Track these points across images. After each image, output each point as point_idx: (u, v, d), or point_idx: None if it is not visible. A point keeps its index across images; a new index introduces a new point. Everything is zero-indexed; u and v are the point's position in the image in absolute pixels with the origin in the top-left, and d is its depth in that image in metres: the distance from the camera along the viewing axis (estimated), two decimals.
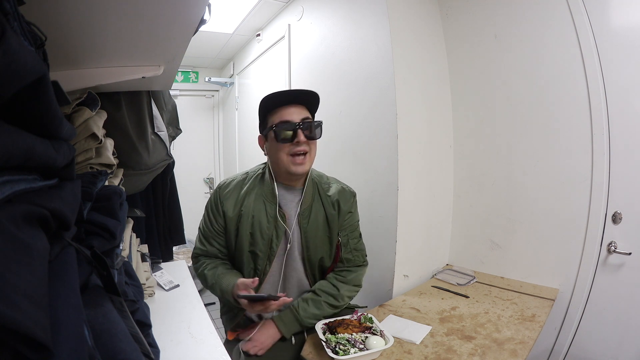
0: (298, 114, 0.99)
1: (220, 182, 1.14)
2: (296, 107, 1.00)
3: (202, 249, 1.12)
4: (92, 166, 0.80)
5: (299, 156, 0.99)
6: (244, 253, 1.05)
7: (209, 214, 1.10)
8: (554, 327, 1.35)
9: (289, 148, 0.99)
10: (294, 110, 1.00)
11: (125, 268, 0.72)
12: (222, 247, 1.11)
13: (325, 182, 1.13)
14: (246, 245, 1.05)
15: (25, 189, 0.28)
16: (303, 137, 0.97)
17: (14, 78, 0.24)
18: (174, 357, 0.72)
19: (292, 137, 0.98)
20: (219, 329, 0.92)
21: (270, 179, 1.06)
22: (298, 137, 0.97)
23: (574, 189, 1.29)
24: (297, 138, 0.97)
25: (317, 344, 0.96)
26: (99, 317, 0.35)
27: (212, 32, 2.51)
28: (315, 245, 1.07)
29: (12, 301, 0.20)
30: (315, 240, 1.07)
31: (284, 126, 0.98)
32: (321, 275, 1.13)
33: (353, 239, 1.12)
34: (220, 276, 1.03)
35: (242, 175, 1.13)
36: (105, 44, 0.69)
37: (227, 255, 1.13)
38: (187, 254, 2.84)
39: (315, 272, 1.10)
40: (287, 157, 1.00)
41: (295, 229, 1.07)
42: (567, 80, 1.28)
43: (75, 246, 0.36)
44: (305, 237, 1.06)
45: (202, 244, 1.12)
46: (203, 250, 1.11)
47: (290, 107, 1.00)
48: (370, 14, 1.47)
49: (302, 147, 0.99)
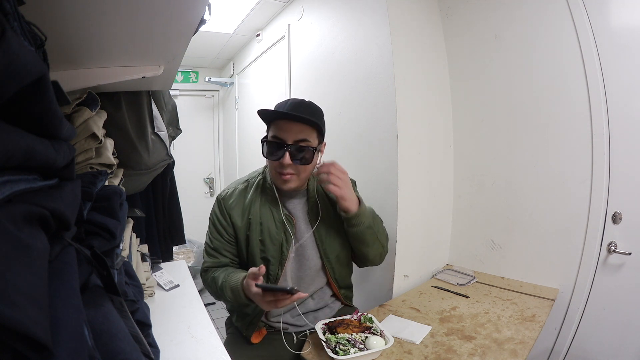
0: (295, 133, 0.94)
1: (221, 193, 1.12)
2: (295, 125, 0.94)
3: (213, 262, 1.07)
4: (92, 166, 0.80)
5: (286, 175, 0.97)
6: (256, 260, 1.04)
7: (216, 226, 1.07)
8: (554, 327, 1.35)
9: (275, 165, 0.97)
10: (292, 127, 0.94)
11: (125, 268, 0.72)
12: (234, 257, 1.09)
13: None
14: (257, 252, 1.04)
15: (25, 189, 0.28)
16: (288, 160, 0.94)
17: (14, 78, 0.24)
18: (174, 357, 0.72)
19: (278, 157, 0.95)
20: (219, 329, 0.92)
21: (271, 185, 1.06)
22: (283, 159, 0.94)
23: (574, 189, 1.29)
24: (283, 159, 0.94)
25: (317, 344, 0.96)
26: (99, 317, 0.35)
27: (212, 32, 2.51)
28: (330, 239, 1.07)
29: (12, 301, 0.20)
30: (329, 234, 1.07)
31: (272, 143, 0.95)
32: (340, 268, 1.11)
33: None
34: (230, 275, 0.99)
35: (243, 184, 1.11)
36: (105, 44, 0.69)
37: (239, 264, 1.11)
38: (187, 254, 2.84)
39: (334, 265, 1.09)
40: (275, 172, 0.99)
41: (307, 229, 1.07)
42: (567, 80, 1.28)
43: (75, 246, 0.36)
44: (319, 233, 1.06)
45: (213, 257, 1.07)
46: (215, 262, 1.07)
47: (289, 124, 0.94)
48: (370, 14, 1.47)
49: (287, 169, 0.96)
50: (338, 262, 1.10)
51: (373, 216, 1.07)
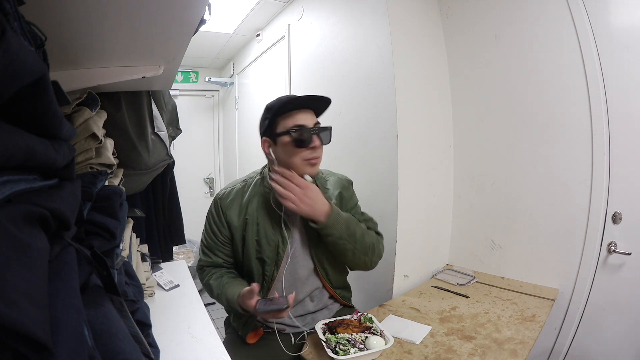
0: (311, 119, 0.98)
1: (219, 192, 1.12)
2: (308, 112, 0.99)
3: (207, 261, 1.10)
4: (92, 166, 0.80)
5: (317, 159, 0.99)
6: (252, 260, 1.05)
7: (211, 225, 1.09)
8: (554, 327, 1.35)
9: (305, 153, 0.98)
10: (307, 115, 0.98)
11: (125, 268, 0.72)
12: (227, 257, 1.10)
13: (321, 176, 1.14)
14: (253, 253, 1.05)
15: (25, 189, 0.28)
16: (319, 142, 0.97)
17: (14, 78, 0.24)
18: (174, 357, 0.72)
19: (308, 142, 0.96)
20: (219, 329, 0.92)
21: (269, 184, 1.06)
22: (314, 143, 0.96)
23: (574, 189, 1.29)
24: (313, 143, 0.96)
25: (317, 344, 0.96)
26: (99, 317, 0.35)
27: (212, 32, 2.51)
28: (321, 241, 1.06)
29: (12, 301, 0.20)
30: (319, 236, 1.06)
31: (301, 131, 0.96)
32: (333, 271, 1.11)
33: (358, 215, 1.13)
34: (225, 286, 1.02)
35: (241, 183, 1.12)
36: (105, 44, 0.69)
37: (233, 264, 1.12)
38: (187, 254, 2.84)
39: (327, 267, 1.09)
40: (302, 161, 0.99)
41: (304, 229, 1.07)
42: (567, 80, 1.28)
43: (75, 246, 0.36)
44: (310, 235, 1.06)
45: (207, 256, 1.10)
46: (208, 261, 1.10)
47: (303, 111, 0.98)
48: (370, 14, 1.47)
49: (318, 152, 0.99)
50: (330, 265, 1.10)
51: (349, 226, 1.01)
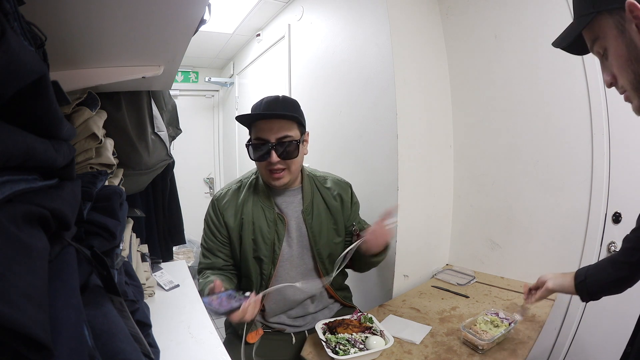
0: (276, 131, 0.96)
1: (215, 194, 1.14)
2: (277, 121, 0.96)
3: (206, 263, 1.10)
4: (92, 166, 0.80)
5: (277, 172, 0.99)
6: (249, 259, 1.05)
7: (210, 227, 1.10)
8: (554, 327, 1.35)
9: (265, 164, 0.99)
10: (272, 125, 0.96)
11: (125, 268, 0.72)
12: (227, 258, 1.11)
13: (319, 175, 1.16)
14: (250, 252, 1.05)
15: (25, 189, 0.28)
16: (275, 158, 0.96)
17: (14, 78, 0.24)
18: (174, 357, 0.72)
19: (264, 157, 0.96)
20: (219, 329, 0.92)
21: (263, 184, 1.07)
22: (270, 158, 0.96)
23: (574, 188, 1.29)
24: (269, 158, 0.96)
25: (317, 344, 0.96)
26: (99, 317, 0.35)
27: (212, 32, 2.51)
28: (323, 239, 1.08)
29: (12, 301, 0.20)
30: (321, 234, 1.08)
31: (257, 145, 0.97)
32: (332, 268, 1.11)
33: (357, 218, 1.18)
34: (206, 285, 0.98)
35: (237, 184, 1.13)
36: (105, 44, 0.69)
37: (233, 265, 1.12)
38: (187, 254, 2.84)
39: (327, 266, 1.10)
40: (265, 171, 1.00)
41: (302, 227, 1.07)
42: (567, 80, 1.28)
43: (75, 246, 0.36)
44: (312, 232, 1.06)
45: (207, 258, 1.10)
46: (207, 263, 1.10)
47: (270, 121, 0.96)
48: (370, 14, 1.47)
49: (276, 166, 0.98)
50: (331, 264, 1.10)
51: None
